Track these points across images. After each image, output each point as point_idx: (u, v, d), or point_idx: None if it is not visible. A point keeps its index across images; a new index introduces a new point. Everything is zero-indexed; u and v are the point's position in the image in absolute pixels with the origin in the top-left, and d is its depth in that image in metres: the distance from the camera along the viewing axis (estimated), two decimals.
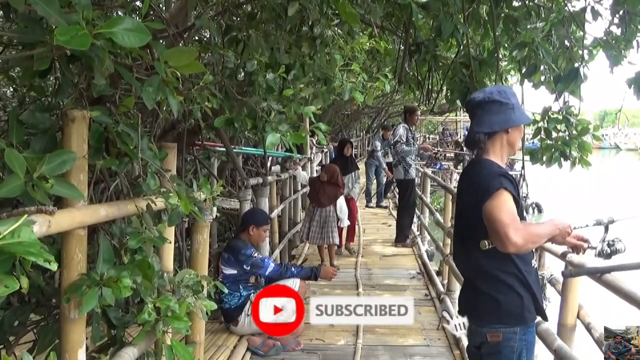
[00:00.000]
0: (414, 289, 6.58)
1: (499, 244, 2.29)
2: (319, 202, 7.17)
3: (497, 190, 2.33)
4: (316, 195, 7.19)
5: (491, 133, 2.52)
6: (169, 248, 2.96)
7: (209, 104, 2.79)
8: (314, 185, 7.29)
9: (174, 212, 2.29)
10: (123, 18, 1.62)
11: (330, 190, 7.13)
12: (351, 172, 8.47)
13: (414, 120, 8.71)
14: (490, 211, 2.31)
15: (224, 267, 4.65)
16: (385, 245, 8.98)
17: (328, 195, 7.16)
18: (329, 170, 7.18)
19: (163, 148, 2.90)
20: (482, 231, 2.37)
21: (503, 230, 2.24)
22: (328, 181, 7.12)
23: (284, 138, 2.85)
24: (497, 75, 5.13)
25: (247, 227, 4.73)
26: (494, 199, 2.33)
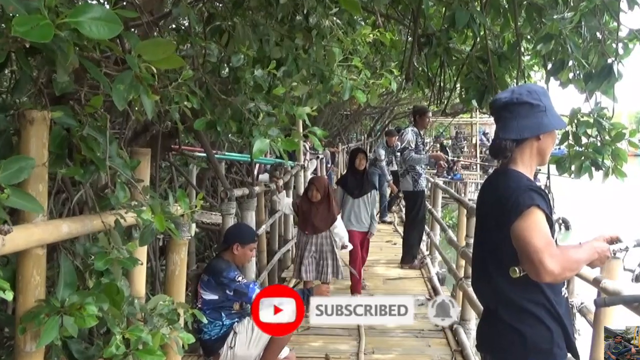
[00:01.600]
0: (423, 318, 6.57)
1: (533, 273, 2.27)
2: (314, 228, 6.55)
3: (528, 208, 2.33)
4: (308, 220, 6.57)
5: (520, 140, 2.52)
6: (140, 270, 2.95)
7: (188, 104, 2.80)
8: (303, 208, 6.65)
9: (147, 229, 2.29)
10: (90, 5, 1.63)
11: (324, 210, 6.56)
12: (367, 192, 7.38)
13: (425, 123, 8.72)
14: (521, 233, 2.31)
15: (203, 291, 4.62)
16: (389, 267, 8.98)
17: (323, 218, 6.57)
18: (321, 186, 6.63)
19: (135, 154, 2.90)
20: (508, 255, 2.37)
21: (537, 256, 2.23)
22: (321, 200, 6.56)
23: (273, 144, 2.85)
24: (518, 72, 5.16)
25: (231, 246, 4.71)
26: (525, 218, 2.32)
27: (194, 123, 3.08)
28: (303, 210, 6.65)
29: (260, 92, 3.27)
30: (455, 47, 5.88)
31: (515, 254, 2.34)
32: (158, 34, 4.26)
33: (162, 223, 2.26)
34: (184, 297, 3.71)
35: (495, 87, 5.14)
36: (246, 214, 6.16)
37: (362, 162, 7.44)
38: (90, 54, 2.10)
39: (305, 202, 6.67)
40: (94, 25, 1.59)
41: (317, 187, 6.61)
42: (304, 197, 6.80)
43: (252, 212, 6.28)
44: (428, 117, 8.70)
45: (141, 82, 1.95)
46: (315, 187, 6.61)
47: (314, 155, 13.96)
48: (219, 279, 4.55)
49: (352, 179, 7.41)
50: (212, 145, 7.89)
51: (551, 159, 4.77)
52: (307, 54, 3.71)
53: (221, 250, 4.83)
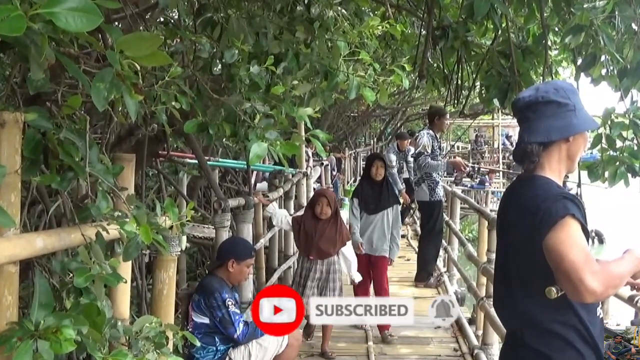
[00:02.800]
0: (440, 342, 6.56)
1: (572, 292, 2.25)
2: (320, 252, 5.95)
3: (562, 218, 2.31)
4: (312, 242, 5.97)
5: (547, 143, 2.51)
6: (124, 289, 2.95)
7: (176, 104, 2.80)
8: (306, 227, 6.05)
9: (132, 242, 2.29)
10: None
11: (332, 230, 5.99)
12: (386, 207, 6.83)
13: (443, 125, 8.71)
14: (556, 247, 2.28)
15: (194, 313, 4.62)
16: (402, 286, 8.96)
17: (331, 239, 5.98)
18: (332, 199, 6.08)
19: (118, 160, 2.91)
20: (539, 272, 2.35)
21: (577, 274, 2.20)
22: (330, 217, 5.99)
23: (272, 149, 2.85)
24: (545, 68, 5.17)
25: (226, 262, 4.71)
26: (559, 230, 2.30)
27: (184, 126, 3.09)
28: (306, 229, 6.03)
29: (257, 91, 3.27)
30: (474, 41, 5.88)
31: (546, 271, 2.32)
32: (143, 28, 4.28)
33: (149, 235, 2.26)
34: (173, 319, 3.71)
35: (519, 85, 5.13)
36: (242, 226, 6.16)
37: (380, 171, 6.84)
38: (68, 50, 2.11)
39: (309, 219, 6.04)
40: (71, 17, 1.59)
41: (329, 200, 6.02)
42: (308, 213, 6.15)
43: (249, 224, 6.27)
44: (446, 119, 8.70)
45: (123, 80, 1.96)
46: (326, 201, 6.00)
47: (317, 162, 13.98)
48: (210, 300, 4.55)
49: (369, 191, 6.87)
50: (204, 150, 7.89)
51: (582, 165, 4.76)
52: (309, 49, 3.72)
53: (214, 268, 4.83)
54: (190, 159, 7.60)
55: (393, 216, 6.85)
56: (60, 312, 2.18)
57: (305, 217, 6.14)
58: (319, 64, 3.75)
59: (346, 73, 3.63)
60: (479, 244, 6.99)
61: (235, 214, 6.14)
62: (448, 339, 6.64)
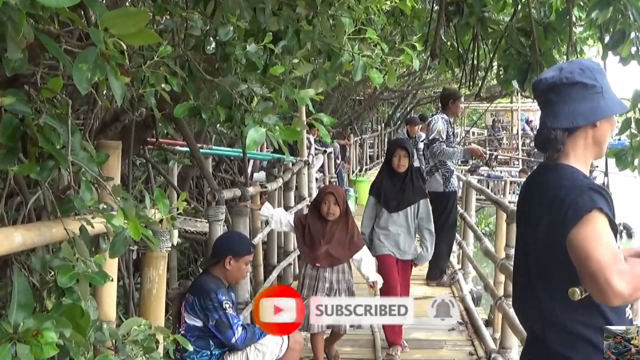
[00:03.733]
0: (454, 346, 6.57)
1: (597, 294, 2.23)
2: (329, 258, 5.60)
3: (589, 212, 2.29)
4: (319, 247, 5.61)
5: (572, 129, 2.50)
6: (110, 288, 2.96)
7: (166, 87, 2.80)
8: (311, 229, 5.69)
9: (119, 237, 2.29)
10: None
11: (343, 232, 5.65)
12: (411, 204, 6.36)
13: (458, 109, 8.68)
14: (582, 244, 2.27)
15: (187, 315, 4.63)
16: (414, 284, 8.90)
17: (341, 243, 5.65)
18: (340, 197, 5.71)
19: (102, 148, 2.91)
20: (562, 270, 2.34)
21: (603, 275, 2.18)
22: (339, 217, 5.64)
23: (270, 134, 2.85)
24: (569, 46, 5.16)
25: (222, 259, 4.71)
26: (585, 225, 2.29)
27: (175, 110, 3.09)
28: (311, 231, 5.66)
29: (254, 71, 3.26)
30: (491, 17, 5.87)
31: (570, 269, 2.31)
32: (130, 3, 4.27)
33: (137, 230, 2.26)
34: (164, 321, 3.72)
35: (541, 65, 5.13)
36: (238, 220, 6.16)
37: (404, 162, 6.23)
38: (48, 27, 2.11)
39: (314, 219, 5.68)
40: None
41: (337, 197, 5.63)
42: (312, 212, 5.80)
43: (246, 218, 6.27)
44: (461, 102, 8.67)
45: (108, 61, 1.95)
46: (334, 198, 5.61)
47: (319, 150, 13.98)
48: (205, 301, 4.55)
49: (390, 185, 6.33)
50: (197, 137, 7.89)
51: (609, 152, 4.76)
52: (310, 26, 3.70)
53: (209, 265, 4.83)
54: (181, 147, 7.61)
55: (421, 214, 6.37)
56: (41, 313, 2.19)
57: (310, 218, 5.72)
58: (321, 42, 3.74)
59: (351, 52, 3.62)
60: (497, 239, 6.99)
61: (230, 207, 6.15)
62: (463, 342, 6.65)
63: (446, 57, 6.69)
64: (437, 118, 8.52)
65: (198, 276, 5.21)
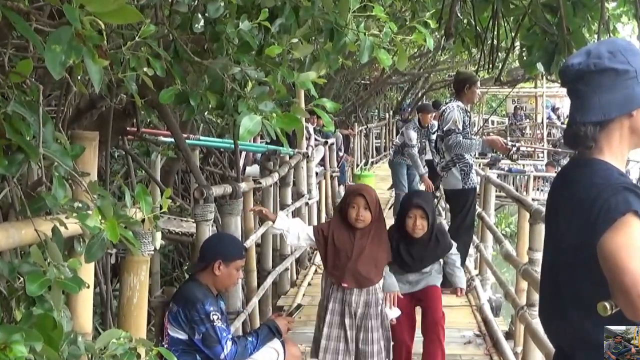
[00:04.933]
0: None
1: (629, 310, 2.16)
2: (357, 277, 5.23)
3: (623, 215, 2.24)
4: (345, 263, 5.23)
5: (605, 122, 2.47)
6: (86, 296, 2.96)
7: (149, 71, 2.79)
8: (335, 240, 5.30)
9: (96, 240, 2.29)
10: None
11: (375, 245, 5.28)
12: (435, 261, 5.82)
13: (474, 96, 8.62)
14: (614, 253, 2.21)
15: (171, 326, 4.63)
16: None
17: (373, 258, 5.27)
18: (372, 199, 5.27)
19: (77, 139, 2.91)
20: (592, 280, 2.31)
21: (637, 289, 2.13)
22: (370, 225, 5.26)
23: (267, 123, 2.84)
24: (601, 24, 5.15)
25: (211, 264, 4.71)
26: (618, 231, 2.23)
27: (159, 96, 3.08)
28: (336, 243, 5.28)
29: (248, 52, 3.26)
30: None
31: (603, 280, 2.28)
32: None
33: (116, 231, 2.26)
34: (146, 333, 3.72)
35: (569, 45, 5.12)
36: (229, 220, 6.17)
37: (421, 225, 5.43)
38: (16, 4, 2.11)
39: (340, 228, 5.31)
40: None
41: (368, 200, 5.21)
42: (337, 219, 5.42)
43: (237, 217, 6.28)
44: (478, 88, 8.63)
45: (84, 41, 1.95)
46: (364, 202, 5.21)
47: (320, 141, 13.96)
48: (191, 312, 4.55)
49: (406, 252, 5.59)
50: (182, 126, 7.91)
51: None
52: (310, 2, 3.70)
53: (196, 271, 4.83)
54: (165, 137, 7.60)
55: (450, 259, 5.86)
56: (9, 324, 2.19)
57: (334, 226, 5.34)
58: (323, 20, 3.73)
59: (356, 31, 3.62)
60: (519, 241, 6.99)
61: (220, 205, 6.14)
62: (480, 357, 6.66)
63: (462, 36, 6.68)
64: (451, 106, 8.39)
65: (183, 283, 5.21)
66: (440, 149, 8.64)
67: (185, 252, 10.54)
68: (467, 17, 6.58)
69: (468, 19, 6.60)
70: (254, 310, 7.18)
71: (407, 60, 4.09)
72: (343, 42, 3.56)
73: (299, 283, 9.44)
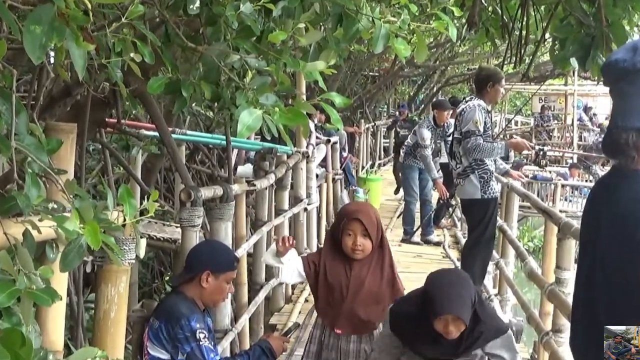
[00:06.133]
0: None
1: None
2: (354, 322, 4.79)
3: None
4: (339, 303, 4.78)
5: None
6: (58, 309, 2.96)
7: (136, 57, 2.79)
8: (327, 274, 4.83)
9: (73, 246, 2.28)
10: None
11: (375, 279, 4.78)
12: None
13: (497, 95, 8.51)
14: None
15: (151, 344, 4.62)
16: None
17: (373, 296, 4.77)
18: (371, 222, 4.75)
19: (53, 131, 2.90)
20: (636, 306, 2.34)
21: None
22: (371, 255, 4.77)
23: (268, 118, 2.84)
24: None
25: (198, 275, 4.70)
26: None
27: (148, 85, 3.08)
28: (328, 278, 4.83)
29: (249, 38, 3.25)
30: None
31: None
32: None
33: (97, 237, 2.25)
34: (123, 351, 3.72)
35: (607, 39, 5.12)
36: (219, 226, 6.15)
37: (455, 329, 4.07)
38: None
39: (334, 259, 4.83)
40: None
41: (367, 225, 4.69)
42: (330, 247, 4.94)
43: (228, 223, 6.26)
44: (502, 86, 8.57)
45: (67, 22, 1.95)
46: (361, 227, 4.70)
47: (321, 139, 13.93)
48: (174, 329, 4.54)
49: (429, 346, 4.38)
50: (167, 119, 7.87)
51: None
52: None
53: (181, 283, 4.82)
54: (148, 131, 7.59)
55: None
56: None
57: (325, 256, 4.87)
58: (332, 3, 3.72)
59: (371, 17, 3.61)
60: (545, 258, 6.98)
61: (209, 209, 6.13)
62: None
63: (486, 25, 6.68)
64: (472, 105, 8.28)
65: (166, 296, 5.20)
66: (457, 152, 8.53)
67: (167, 261, 10.53)
68: (493, 4, 6.58)
69: (493, 7, 6.61)
70: (244, 329, 7.18)
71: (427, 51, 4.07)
72: (356, 29, 3.55)
73: (295, 299, 9.42)
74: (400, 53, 3.47)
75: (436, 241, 12.99)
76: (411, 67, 25.01)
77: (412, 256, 12.16)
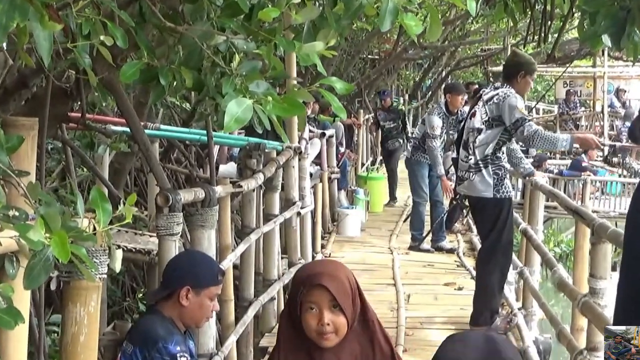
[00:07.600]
0: None
1: None
2: None
3: None
4: None
5: None
6: (20, 333, 2.95)
7: (106, 39, 2.79)
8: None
9: (39, 259, 2.28)
10: None
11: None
12: None
13: (527, 86, 8.37)
14: None
15: None
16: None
17: None
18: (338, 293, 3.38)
19: (11, 127, 2.90)
20: None
21: None
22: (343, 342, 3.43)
23: (259, 108, 2.83)
24: None
25: (177, 291, 4.71)
26: None
27: (120, 72, 3.07)
28: None
29: (236, 17, 3.25)
30: None
31: None
32: None
33: (66, 248, 2.25)
34: None
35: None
36: (201, 234, 6.15)
37: None
38: None
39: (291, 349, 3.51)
40: None
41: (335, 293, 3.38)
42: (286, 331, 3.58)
43: (212, 230, 6.26)
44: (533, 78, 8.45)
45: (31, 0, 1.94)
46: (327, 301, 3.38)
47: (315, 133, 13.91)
48: (151, 353, 4.55)
49: None
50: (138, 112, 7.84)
51: None
52: None
53: (158, 300, 4.83)
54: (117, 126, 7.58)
55: None
56: None
57: (283, 345, 3.56)
58: None
59: None
60: (577, 266, 7.00)
61: (189, 215, 6.12)
62: None
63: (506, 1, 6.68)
64: (508, 92, 8.18)
65: (141, 316, 5.21)
66: (470, 144, 8.44)
67: (139, 275, 10.49)
68: None
69: None
70: (231, 352, 7.18)
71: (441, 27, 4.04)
72: (359, 5, 3.53)
73: None
74: (411, 30, 3.43)
75: (449, 248, 13.02)
76: (416, 49, 24.95)
77: (421, 265, 12.24)
